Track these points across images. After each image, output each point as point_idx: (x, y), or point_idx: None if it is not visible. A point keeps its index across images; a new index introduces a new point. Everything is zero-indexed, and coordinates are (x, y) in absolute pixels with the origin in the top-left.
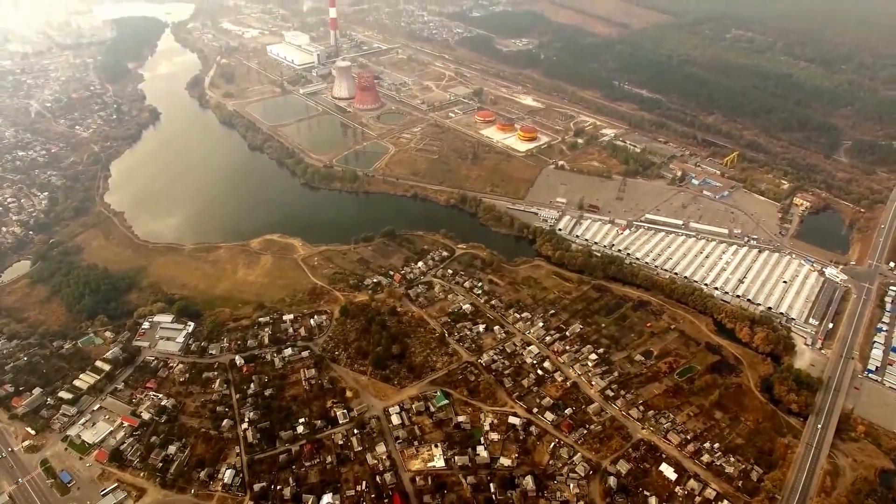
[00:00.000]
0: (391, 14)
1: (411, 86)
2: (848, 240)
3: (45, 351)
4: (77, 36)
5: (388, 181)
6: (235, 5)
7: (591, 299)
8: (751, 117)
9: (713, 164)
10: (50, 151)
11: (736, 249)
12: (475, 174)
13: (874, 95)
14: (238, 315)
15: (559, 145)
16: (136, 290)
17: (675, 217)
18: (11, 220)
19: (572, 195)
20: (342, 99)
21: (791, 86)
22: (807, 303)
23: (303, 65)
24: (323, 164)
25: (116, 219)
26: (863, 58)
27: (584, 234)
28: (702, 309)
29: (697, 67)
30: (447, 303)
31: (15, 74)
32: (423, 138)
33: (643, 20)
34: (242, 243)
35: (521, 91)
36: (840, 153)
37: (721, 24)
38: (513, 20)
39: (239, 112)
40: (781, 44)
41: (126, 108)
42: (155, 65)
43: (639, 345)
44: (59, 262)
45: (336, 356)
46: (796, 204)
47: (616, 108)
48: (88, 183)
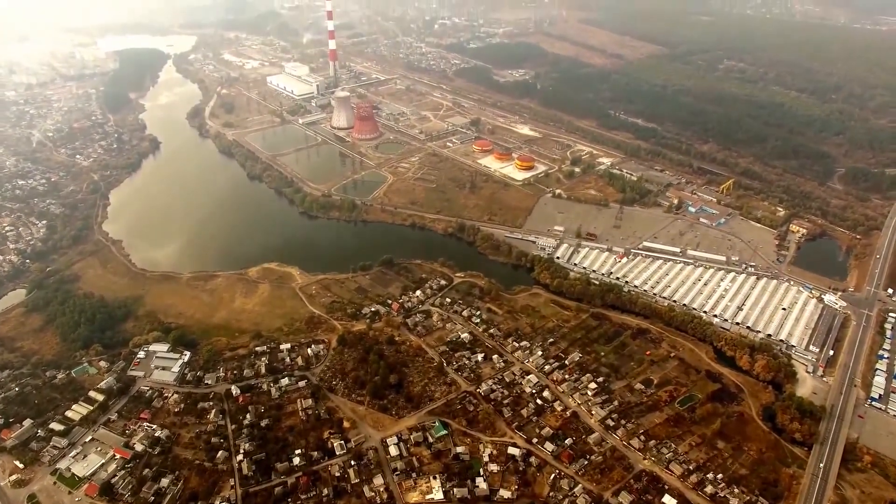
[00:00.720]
0: (390, 46)
1: (409, 116)
2: (845, 266)
3: (37, 381)
4: (81, 67)
5: (386, 210)
6: (237, 37)
7: (589, 327)
8: (745, 145)
9: (709, 191)
10: (50, 180)
11: (734, 276)
12: (473, 203)
13: (865, 124)
14: (235, 344)
15: (556, 174)
16: (132, 318)
17: (672, 244)
18: (9, 249)
19: (570, 223)
20: (341, 129)
21: (784, 114)
22: (806, 330)
23: (302, 95)
24: (321, 193)
25: (114, 247)
26: (852, 88)
27: (582, 262)
28: (701, 336)
29: (691, 97)
30: (445, 332)
31: (19, 105)
32: (421, 167)
33: (637, 52)
34: (240, 272)
35: (518, 121)
36: (834, 180)
37: (713, 56)
38: (509, 51)
39: (238, 141)
40: (773, 74)
41: (127, 138)
42: (156, 95)
43: (638, 373)
44: (55, 290)
45: (333, 386)
46: (793, 231)
47: (612, 137)
48: (87, 211)
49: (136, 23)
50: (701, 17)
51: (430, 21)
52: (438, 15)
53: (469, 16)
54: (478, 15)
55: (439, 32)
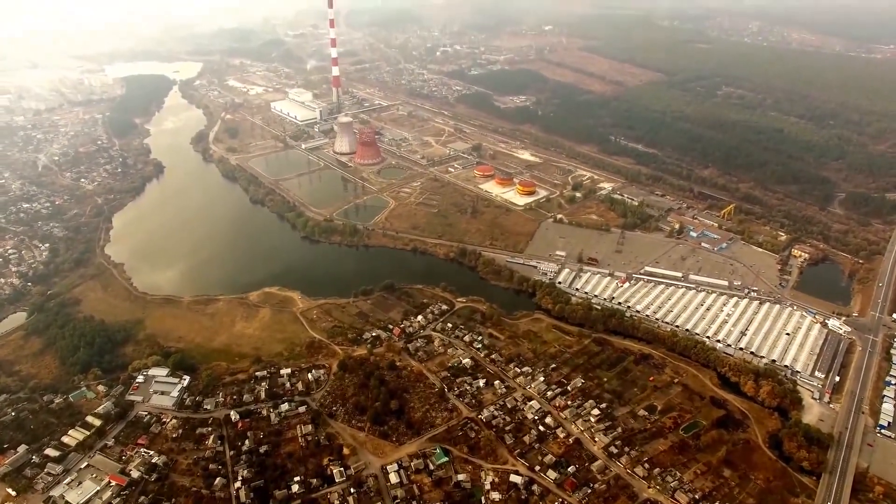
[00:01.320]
0: (392, 72)
1: (411, 141)
2: (848, 291)
3: (34, 405)
4: (88, 93)
5: (387, 235)
6: (241, 64)
7: (592, 353)
8: (745, 170)
9: (710, 216)
10: (54, 203)
11: (737, 301)
12: (474, 228)
13: (863, 149)
14: (235, 369)
15: (557, 199)
16: (132, 342)
17: (674, 269)
18: (10, 272)
19: (571, 248)
20: (343, 154)
21: (783, 140)
22: (811, 355)
23: (305, 121)
24: (323, 218)
25: (116, 270)
26: (849, 114)
27: (584, 286)
28: (704, 362)
29: (691, 123)
30: (447, 357)
31: (26, 130)
32: (423, 192)
33: (636, 79)
34: (241, 296)
35: (519, 146)
36: (834, 205)
37: (712, 83)
38: (510, 78)
39: (241, 166)
40: (771, 101)
41: (131, 162)
42: (161, 120)
43: (642, 399)
44: (55, 313)
45: (333, 412)
46: (795, 255)
47: (613, 163)
48: (90, 235)
49: (144, 50)
50: (699, 45)
51: (432, 48)
52: (440, 42)
53: (470, 43)
54: (479, 42)
55: (441, 59)
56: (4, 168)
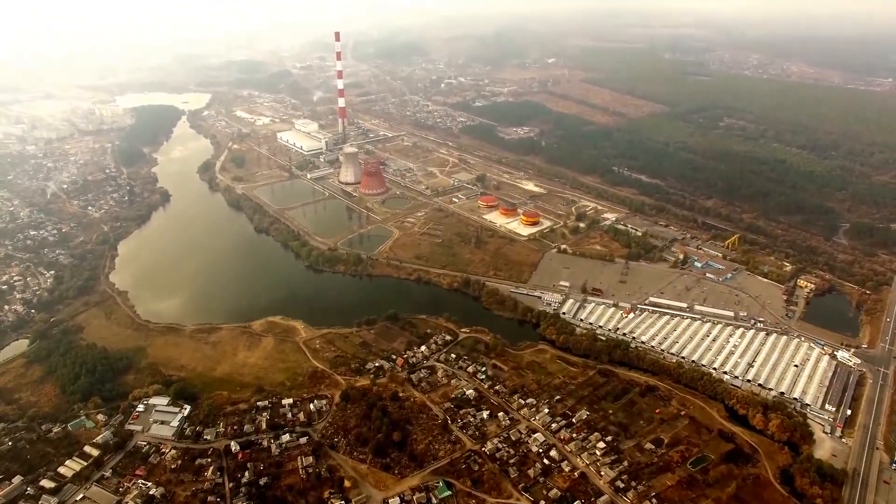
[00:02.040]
0: (397, 104)
1: (416, 171)
2: (856, 322)
3: (32, 435)
4: (99, 123)
5: (391, 264)
6: (249, 95)
7: (597, 384)
8: (749, 201)
9: (714, 246)
10: (61, 231)
11: (743, 332)
12: (478, 258)
13: (866, 180)
14: (236, 398)
15: (561, 229)
16: (133, 370)
17: (679, 300)
18: (15, 299)
19: (575, 279)
20: (348, 184)
21: (785, 171)
22: (821, 387)
23: (311, 151)
24: (327, 247)
25: (119, 298)
26: (851, 145)
27: (589, 317)
28: (711, 394)
29: (694, 154)
30: (450, 388)
31: (37, 158)
32: (427, 222)
33: (639, 110)
34: (244, 325)
35: (523, 177)
36: (839, 235)
37: (713, 114)
38: (514, 110)
39: (247, 195)
40: (772, 132)
41: (138, 190)
42: (169, 149)
43: (648, 432)
44: (57, 341)
45: (335, 443)
46: (801, 286)
47: (616, 193)
48: (95, 262)
49: (155, 81)
50: (700, 77)
51: (437, 80)
52: (445, 75)
53: (475, 76)
54: (483, 75)
55: (446, 91)
56: (14, 196)
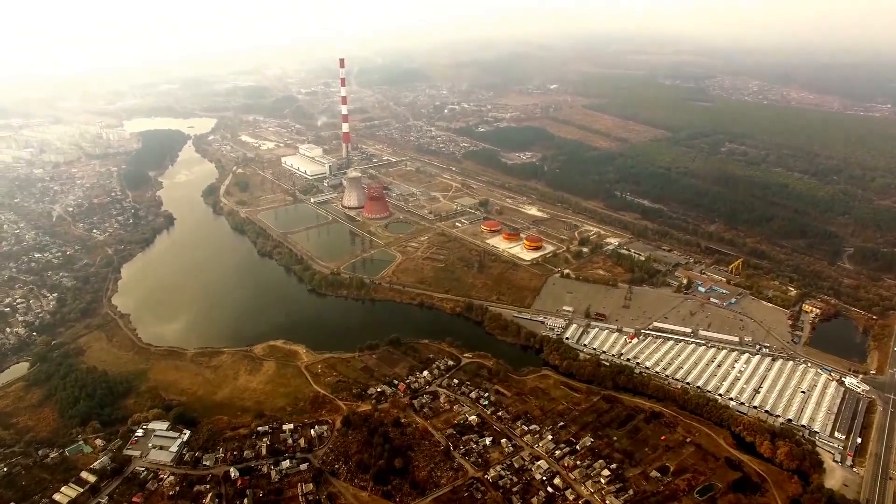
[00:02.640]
0: (401, 129)
1: (419, 196)
2: (864, 348)
3: (28, 460)
4: (106, 147)
5: (394, 289)
6: (254, 120)
7: (601, 410)
8: (752, 225)
9: (718, 271)
10: (65, 253)
11: (748, 358)
12: (481, 283)
13: (868, 205)
14: (236, 423)
15: (564, 254)
16: (133, 394)
17: (683, 325)
18: (17, 321)
19: (579, 304)
20: (352, 208)
21: (788, 195)
22: (829, 414)
23: (315, 175)
24: (330, 271)
25: (121, 321)
26: (852, 170)
27: (592, 342)
28: (717, 421)
29: (696, 178)
30: (452, 414)
31: (44, 182)
32: (430, 247)
33: (641, 135)
34: (246, 348)
35: (526, 202)
36: (843, 260)
37: (715, 139)
38: (517, 135)
39: (251, 219)
40: (774, 157)
41: (143, 214)
42: (174, 173)
43: (654, 459)
44: (57, 364)
45: (336, 469)
46: (806, 311)
47: (619, 218)
48: (98, 285)
49: (162, 106)
50: (701, 103)
51: (440, 106)
52: (448, 101)
53: (478, 101)
54: (486, 101)
55: (449, 117)
56: (21, 218)
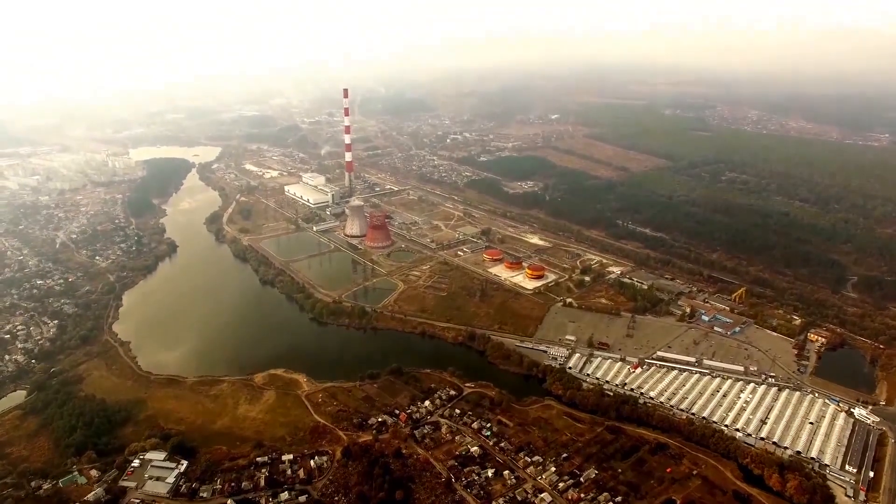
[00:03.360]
0: (403, 158)
1: (421, 225)
2: (872, 378)
3: (20, 492)
4: (111, 175)
5: (396, 318)
6: (258, 149)
7: (605, 441)
8: (754, 253)
9: (721, 299)
10: (67, 280)
11: (754, 388)
12: (483, 312)
13: (870, 233)
14: (235, 454)
15: (566, 283)
16: (131, 423)
17: (687, 354)
18: (16, 349)
19: (581, 333)
20: (354, 237)
21: (789, 223)
22: (839, 447)
23: (318, 204)
24: (332, 300)
25: (122, 349)
26: (853, 199)
27: (595, 372)
28: (724, 452)
29: (697, 207)
30: (454, 445)
31: (49, 209)
32: (432, 276)
33: (641, 164)
34: (246, 377)
35: (527, 230)
36: (847, 288)
37: (715, 168)
38: (518, 164)
39: (253, 247)
40: (774, 185)
41: (146, 241)
42: (178, 201)
43: (659, 492)
44: (55, 392)
45: (335, 502)
46: (811, 339)
47: (621, 247)
48: (99, 312)
49: (168, 135)
50: (700, 132)
51: (443, 136)
52: (451, 130)
53: (480, 131)
54: (488, 130)
55: (451, 146)
56: (24, 245)
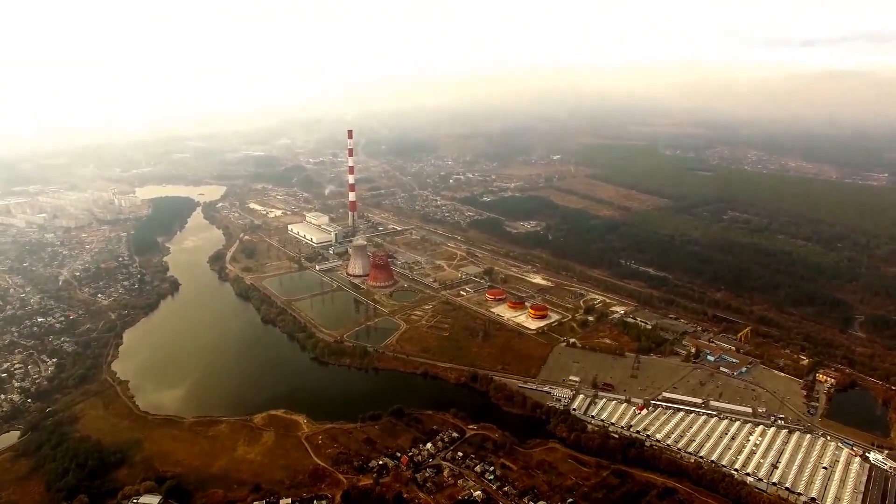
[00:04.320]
0: (406, 198)
1: (424, 265)
2: (885, 420)
3: None
4: (117, 213)
5: (398, 358)
6: (263, 188)
7: (611, 486)
8: (758, 292)
9: (727, 339)
10: (69, 318)
11: (763, 430)
12: (486, 352)
13: (875, 272)
14: (232, 497)
15: (570, 323)
16: (126, 465)
17: (693, 395)
18: (13, 388)
19: (585, 373)
20: (356, 276)
21: (793, 262)
22: (856, 493)
23: (321, 243)
24: (333, 340)
25: (120, 388)
26: (856, 237)
27: (600, 414)
28: (735, 498)
29: (700, 246)
30: (457, 489)
31: (54, 246)
32: (435, 315)
33: (643, 204)
34: (245, 418)
35: (530, 270)
36: (855, 328)
37: (717, 207)
38: (521, 204)
39: (255, 285)
40: (776, 224)
41: (149, 279)
42: (182, 239)
43: None
44: (50, 432)
45: None
46: (820, 380)
47: (624, 286)
48: (99, 350)
49: (174, 174)
50: (701, 172)
51: (446, 176)
52: (453, 171)
53: (482, 171)
54: (490, 171)
55: (454, 186)
56: (28, 282)
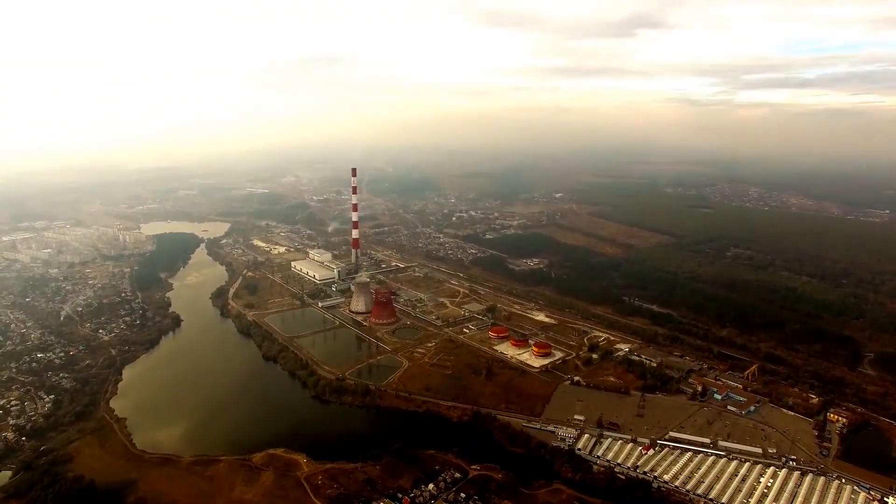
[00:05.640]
0: (409, 236)
1: (427, 302)
2: None
3: None
4: (121, 248)
5: (400, 396)
6: (267, 225)
7: None
8: (764, 329)
9: (734, 377)
10: (68, 354)
11: (774, 471)
12: (489, 390)
13: (882, 308)
14: None
15: (574, 361)
16: None
17: (701, 435)
18: (8, 425)
19: (590, 412)
20: (359, 313)
21: (798, 299)
22: None
23: (323, 280)
24: (335, 377)
25: (117, 425)
26: (860, 274)
27: (606, 454)
28: None
29: (704, 283)
30: None
31: (58, 282)
32: (437, 353)
33: (646, 241)
34: (244, 457)
35: (533, 307)
36: (865, 365)
37: (720, 244)
38: (523, 242)
39: (257, 322)
40: (780, 261)
41: (150, 315)
42: (185, 275)
43: None
44: (43, 472)
45: None
46: (832, 419)
47: (628, 323)
48: (97, 387)
49: (179, 211)
50: (703, 209)
51: (449, 214)
52: (456, 209)
53: (485, 209)
54: (493, 209)
55: (457, 224)
56: (29, 317)
